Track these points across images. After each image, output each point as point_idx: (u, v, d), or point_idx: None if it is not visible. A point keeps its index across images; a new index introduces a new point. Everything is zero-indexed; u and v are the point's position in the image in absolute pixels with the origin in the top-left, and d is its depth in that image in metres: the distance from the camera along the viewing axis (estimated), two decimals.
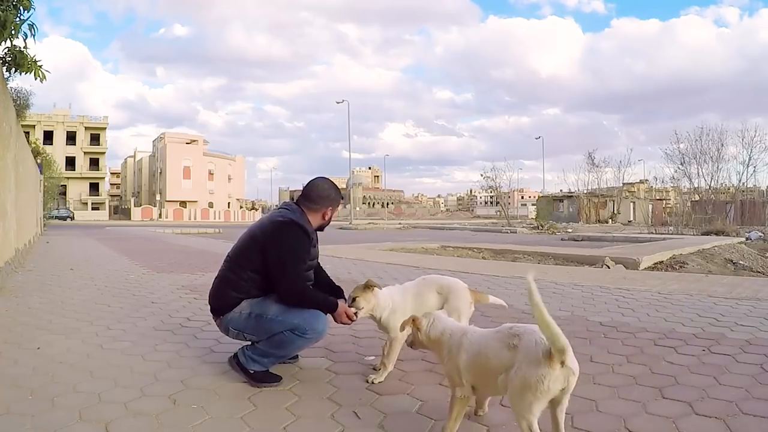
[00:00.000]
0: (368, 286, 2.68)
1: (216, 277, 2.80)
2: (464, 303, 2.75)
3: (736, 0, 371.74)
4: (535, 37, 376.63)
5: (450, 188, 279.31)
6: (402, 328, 2.38)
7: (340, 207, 2.85)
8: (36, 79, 5.95)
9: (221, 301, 2.71)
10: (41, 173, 21.01)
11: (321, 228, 2.84)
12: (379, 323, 2.77)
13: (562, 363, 1.68)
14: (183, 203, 71.00)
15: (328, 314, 2.71)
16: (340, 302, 2.67)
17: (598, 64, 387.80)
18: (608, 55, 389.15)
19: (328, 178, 2.88)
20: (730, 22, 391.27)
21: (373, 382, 2.66)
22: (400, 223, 40.54)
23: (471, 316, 2.82)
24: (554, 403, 1.77)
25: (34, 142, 30.78)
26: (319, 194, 2.77)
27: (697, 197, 29.96)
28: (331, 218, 2.84)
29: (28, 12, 5.49)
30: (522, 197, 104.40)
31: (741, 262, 12.01)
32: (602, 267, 9.26)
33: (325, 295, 2.74)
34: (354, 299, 2.66)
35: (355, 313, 2.63)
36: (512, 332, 1.85)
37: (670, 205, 42.21)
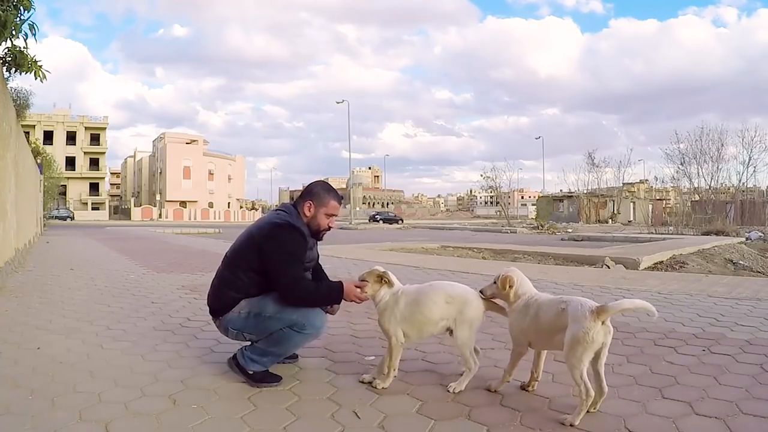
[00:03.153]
0: (381, 277, 2.65)
1: (214, 278, 2.81)
2: (478, 313, 2.56)
3: (735, 0, 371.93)
4: (533, 38, 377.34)
5: (450, 188, 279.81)
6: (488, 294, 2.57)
7: (333, 210, 2.76)
8: (36, 79, 5.95)
9: (219, 302, 2.71)
10: (41, 173, 21.01)
11: (315, 233, 2.77)
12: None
13: (603, 322, 2.14)
14: (183, 203, 71.00)
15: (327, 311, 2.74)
16: (345, 282, 2.65)
17: (597, 65, 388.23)
18: (607, 56, 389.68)
19: (324, 181, 2.91)
20: (729, 22, 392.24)
21: (376, 387, 2.58)
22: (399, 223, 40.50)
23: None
24: (595, 357, 2.18)
25: (34, 142, 30.75)
26: (305, 189, 2.81)
27: (697, 197, 29.96)
28: (317, 217, 2.72)
29: (28, 12, 5.49)
30: (522, 197, 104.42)
31: (741, 262, 12.01)
32: (602, 267, 9.26)
33: (326, 284, 2.73)
34: (363, 281, 2.67)
35: (362, 294, 2.64)
36: (561, 300, 2.33)
37: (670, 205, 42.20)
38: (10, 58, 5.89)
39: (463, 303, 2.55)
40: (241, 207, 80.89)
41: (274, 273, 2.61)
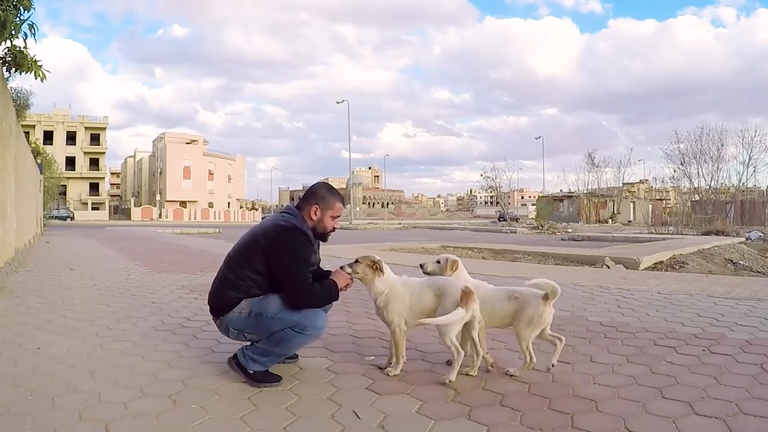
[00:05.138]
0: (374, 264, 2.77)
1: (215, 278, 2.81)
2: (452, 303, 2.65)
3: (733, 0, 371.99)
4: (532, 38, 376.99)
5: (450, 188, 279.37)
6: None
7: (338, 212, 2.82)
8: (36, 79, 5.95)
9: (220, 302, 2.71)
10: (41, 173, 21.01)
11: (321, 236, 2.80)
12: (376, 307, 2.83)
13: (550, 306, 2.72)
14: (183, 203, 70.99)
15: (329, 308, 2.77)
16: (334, 276, 2.74)
17: (596, 64, 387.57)
18: (606, 56, 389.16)
19: (326, 182, 2.92)
20: (727, 23, 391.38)
21: (388, 374, 2.75)
22: (400, 223, 40.55)
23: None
24: (543, 330, 2.76)
25: (34, 142, 30.75)
26: (308, 192, 2.82)
27: (697, 197, 29.96)
28: (323, 220, 2.76)
29: (28, 12, 5.49)
30: (522, 197, 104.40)
31: (741, 262, 12.01)
32: (602, 267, 9.26)
33: (326, 284, 2.71)
34: (356, 261, 2.78)
35: (350, 277, 2.77)
36: (511, 290, 2.84)
37: (670, 205, 42.19)
38: (10, 58, 5.89)
39: (443, 294, 2.71)
40: (241, 207, 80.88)
41: (282, 277, 2.61)
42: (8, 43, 5.61)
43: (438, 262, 3.03)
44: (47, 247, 12.93)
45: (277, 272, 2.62)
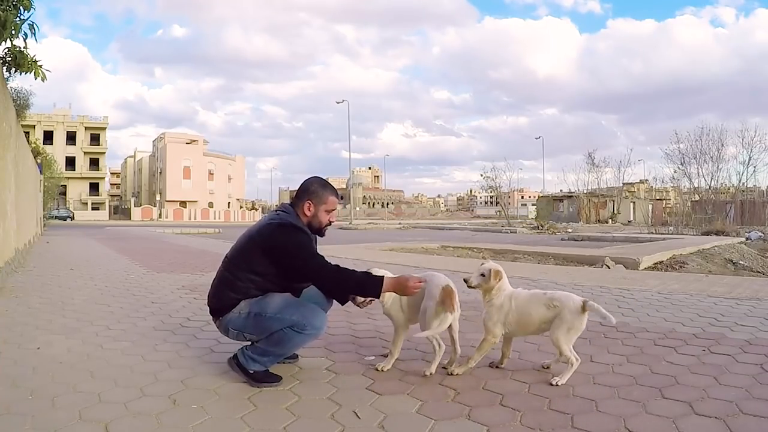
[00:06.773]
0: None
1: (214, 278, 2.81)
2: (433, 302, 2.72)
3: (732, 0, 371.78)
4: (531, 38, 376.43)
5: (450, 188, 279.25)
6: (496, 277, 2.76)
7: (332, 206, 2.81)
8: (36, 78, 5.95)
9: (220, 302, 2.72)
10: (41, 173, 21.01)
11: (317, 231, 2.81)
12: (382, 306, 2.88)
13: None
14: (183, 203, 71.00)
15: (328, 310, 2.82)
16: (391, 277, 2.67)
17: (595, 65, 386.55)
18: (605, 56, 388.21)
19: (319, 177, 2.90)
20: (727, 23, 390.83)
21: (381, 369, 2.79)
22: (400, 223, 40.51)
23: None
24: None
25: (34, 142, 30.72)
26: (301, 188, 2.82)
27: (697, 197, 29.98)
28: (317, 215, 2.76)
29: (28, 12, 5.49)
30: (522, 197, 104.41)
31: (741, 262, 12.01)
32: (602, 267, 9.26)
33: (363, 272, 2.71)
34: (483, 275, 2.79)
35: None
36: (549, 297, 2.76)
37: (670, 205, 42.19)
38: (10, 58, 5.89)
39: (424, 289, 2.76)
40: (241, 207, 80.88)
41: (294, 268, 2.63)
42: (8, 43, 5.60)
43: (482, 275, 2.80)
44: (47, 247, 12.93)
45: (286, 264, 2.62)
